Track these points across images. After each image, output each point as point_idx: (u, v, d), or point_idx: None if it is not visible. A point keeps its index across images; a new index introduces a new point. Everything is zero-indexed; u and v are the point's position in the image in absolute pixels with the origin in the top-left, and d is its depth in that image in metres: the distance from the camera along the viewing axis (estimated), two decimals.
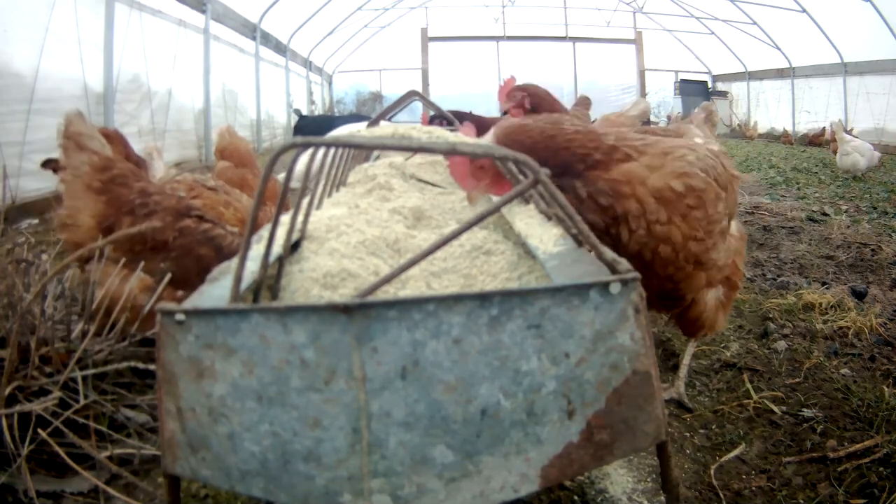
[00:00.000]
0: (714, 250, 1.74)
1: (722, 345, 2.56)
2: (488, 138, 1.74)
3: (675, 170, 1.64)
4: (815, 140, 11.62)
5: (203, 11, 8.79)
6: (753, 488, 1.63)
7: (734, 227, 1.95)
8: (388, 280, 0.91)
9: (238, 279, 0.92)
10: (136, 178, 2.23)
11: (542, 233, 1.31)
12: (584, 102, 5.31)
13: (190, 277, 1.95)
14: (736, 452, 1.79)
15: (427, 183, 2.16)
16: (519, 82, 3.35)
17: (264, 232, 1.26)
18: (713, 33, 16.62)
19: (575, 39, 18.89)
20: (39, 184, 4.86)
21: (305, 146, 0.88)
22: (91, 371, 1.73)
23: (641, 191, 1.61)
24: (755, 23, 14.49)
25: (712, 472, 1.69)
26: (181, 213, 2.15)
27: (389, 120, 3.12)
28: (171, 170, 3.19)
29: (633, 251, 1.62)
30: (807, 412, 2.00)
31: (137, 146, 4.72)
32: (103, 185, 2.14)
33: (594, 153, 1.64)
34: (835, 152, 8.48)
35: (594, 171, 1.64)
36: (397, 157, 2.29)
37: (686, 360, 2.09)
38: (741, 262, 1.98)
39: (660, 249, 1.64)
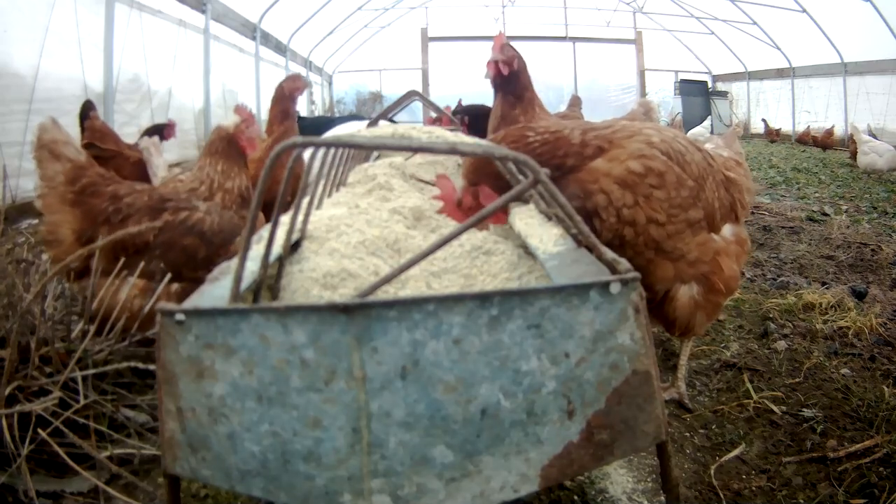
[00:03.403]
0: (678, 239, 1.73)
1: (722, 345, 2.56)
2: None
3: (634, 152, 1.68)
4: (824, 142, 11.59)
5: (203, 11, 8.78)
6: (753, 488, 1.63)
7: (728, 230, 1.92)
8: (388, 280, 0.91)
9: (238, 279, 0.92)
10: (107, 183, 2.16)
11: (542, 233, 1.31)
12: (575, 102, 5.38)
13: (180, 269, 1.94)
14: (736, 452, 1.79)
15: (427, 183, 2.16)
16: None
17: (264, 232, 1.26)
18: (713, 33, 16.62)
19: (575, 39, 18.88)
20: None
21: (305, 146, 0.88)
22: (91, 371, 1.73)
23: (606, 182, 1.66)
24: (755, 23, 14.49)
25: (712, 472, 1.69)
26: (156, 209, 2.10)
27: (390, 120, 3.12)
28: (174, 168, 3.15)
29: (605, 240, 1.66)
30: (807, 412, 2.00)
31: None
32: (76, 197, 2.07)
33: (566, 160, 1.70)
34: (852, 154, 8.56)
35: (568, 175, 1.69)
36: (397, 157, 2.29)
37: (683, 360, 2.09)
38: (728, 265, 1.87)
39: (624, 232, 1.68)
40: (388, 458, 0.81)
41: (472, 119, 3.99)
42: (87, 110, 5.20)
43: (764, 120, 15.27)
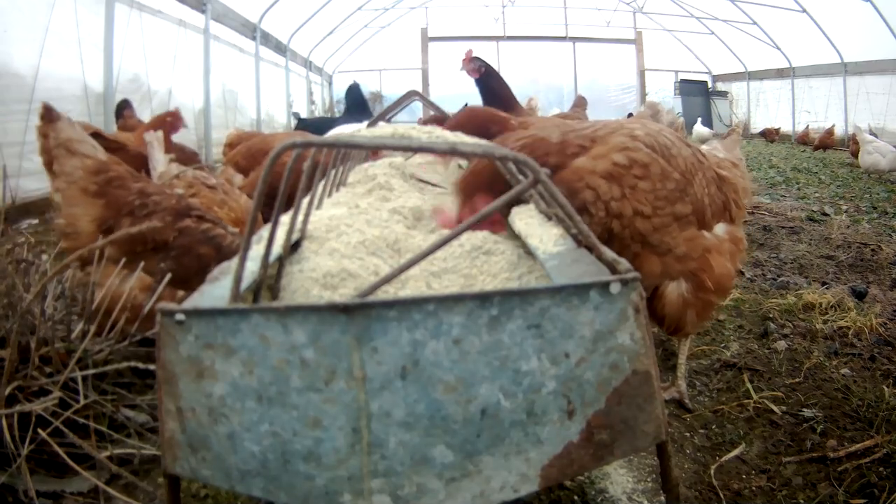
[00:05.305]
0: (664, 233, 1.72)
1: (722, 345, 2.56)
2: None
3: (618, 144, 1.68)
4: (823, 142, 11.66)
5: (203, 11, 8.78)
6: (753, 488, 1.63)
7: (722, 229, 1.92)
8: (388, 280, 0.91)
9: (238, 279, 0.92)
10: (135, 179, 2.23)
11: (542, 233, 1.31)
12: (580, 103, 5.37)
13: (190, 277, 1.95)
14: (736, 452, 1.79)
15: (427, 183, 2.16)
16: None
17: (264, 232, 1.26)
18: (713, 33, 16.63)
19: (575, 39, 18.90)
20: (39, 184, 4.86)
21: (305, 146, 0.88)
22: (91, 371, 1.73)
23: (592, 179, 1.65)
24: (755, 23, 14.49)
25: (712, 472, 1.69)
26: (181, 213, 2.15)
27: (388, 121, 3.13)
28: (172, 165, 3.11)
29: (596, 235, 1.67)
30: (807, 412, 2.00)
31: None
32: (100, 188, 2.13)
33: (548, 159, 1.69)
34: (853, 154, 8.59)
35: (552, 175, 1.68)
36: (397, 157, 2.29)
37: (682, 360, 2.09)
38: (720, 263, 1.85)
39: (612, 225, 1.67)
40: (388, 458, 0.81)
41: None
42: (121, 109, 5.33)
43: (763, 131, 15.21)
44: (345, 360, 0.80)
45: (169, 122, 4.61)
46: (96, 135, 3.72)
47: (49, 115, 2.19)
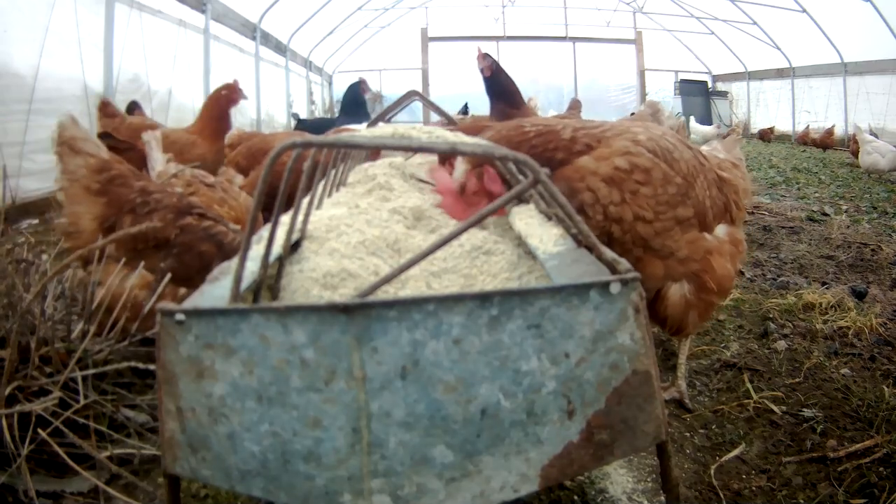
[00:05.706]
0: (666, 237, 1.72)
1: (722, 345, 2.56)
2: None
3: (620, 149, 1.69)
4: (823, 142, 11.71)
5: (203, 11, 8.78)
6: (753, 488, 1.63)
7: (722, 230, 1.92)
8: (388, 280, 0.91)
9: (238, 279, 0.92)
10: (137, 178, 2.24)
11: (542, 233, 1.31)
12: (575, 106, 5.40)
13: (192, 274, 1.96)
14: (736, 452, 1.79)
15: (427, 183, 2.16)
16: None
17: (264, 232, 1.26)
18: (713, 33, 16.62)
19: (575, 39, 18.89)
20: (39, 184, 4.86)
21: (305, 146, 0.88)
22: (91, 371, 1.73)
23: (592, 181, 1.66)
24: (755, 23, 14.49)
25: (712, 472, 1.69)
26: (182, 211, 2.16)
27: (388, 121, 3.12)
28: (170, 164, 3.10)
29: None
30: (807, 412, 2.00)
31: None
32: (102, 186, 2.14)
33: (556, 154, 1.70)
34: (853, 153, 8.62)
35: (556, 171, 1.70)
36: (397, 157, 2.29)
37: (682, 360, 2.09)
38: (721, 264, 1.84)
39: (612, 230, 1.68)
40: (388, 458, 0.81)
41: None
42: (131, 110, 5.43)
43: (759, 132, 15.27)
44: (345, 360, 0.80)
45: (224, 95, 4.04)
46: (106, 135, 3.72)
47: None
